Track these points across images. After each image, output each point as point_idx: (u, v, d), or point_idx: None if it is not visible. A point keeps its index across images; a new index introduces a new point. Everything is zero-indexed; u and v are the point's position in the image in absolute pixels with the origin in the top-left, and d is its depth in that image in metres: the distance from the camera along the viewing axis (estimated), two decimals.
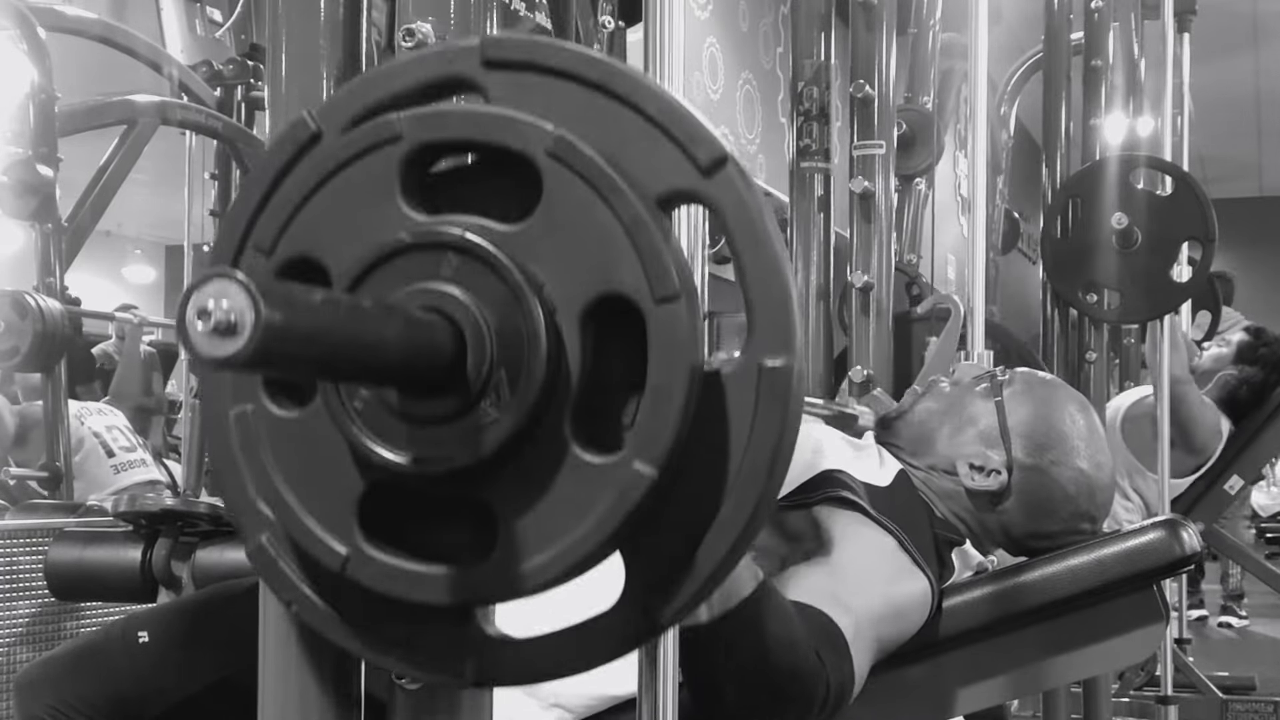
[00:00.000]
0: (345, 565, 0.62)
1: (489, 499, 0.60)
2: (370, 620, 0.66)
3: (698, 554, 0.60)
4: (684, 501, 0.60)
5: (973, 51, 1.94)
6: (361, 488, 0.62)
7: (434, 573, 0.61)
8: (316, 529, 0.63)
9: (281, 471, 0.64)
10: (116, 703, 1.43)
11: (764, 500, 0.59)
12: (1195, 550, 1.43)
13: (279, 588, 0.67)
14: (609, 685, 1.34)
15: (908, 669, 1.40)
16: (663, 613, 0.61)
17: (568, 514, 0.59)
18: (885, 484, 1.41)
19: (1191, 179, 2.94)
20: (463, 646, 0.64)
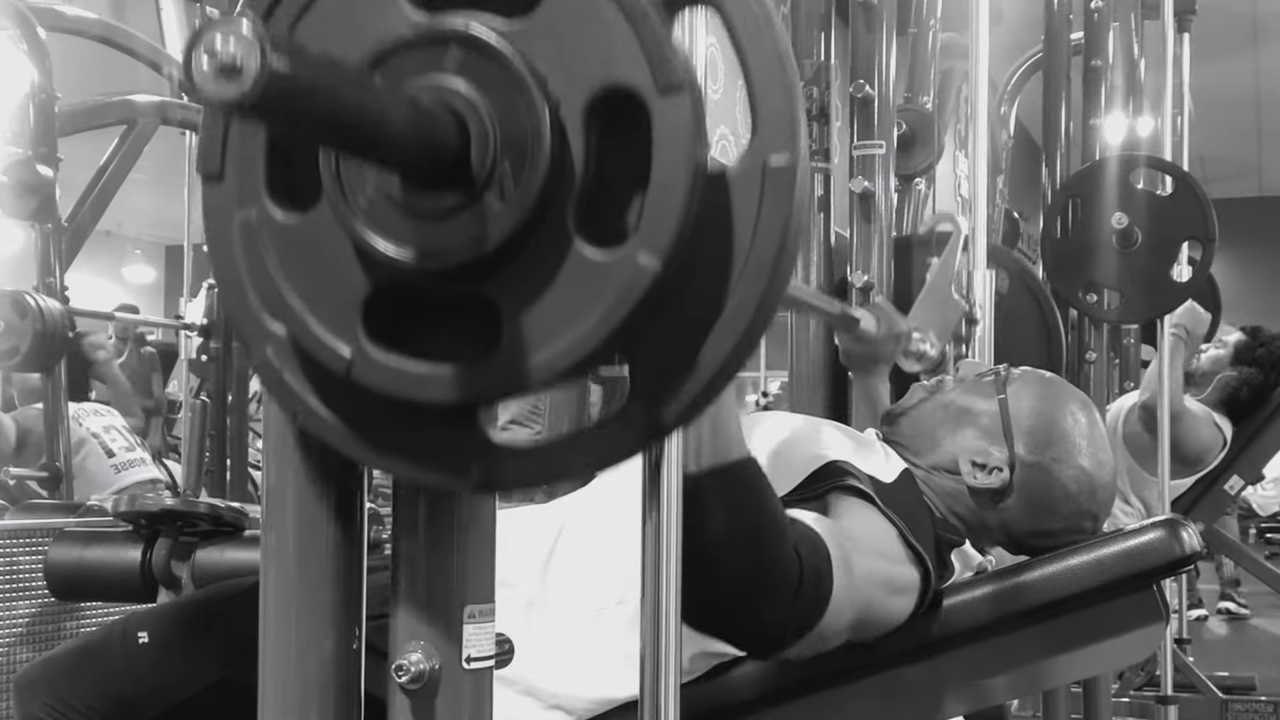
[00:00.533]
0: (350, 368, 0.62)
1: (493, 295, 0.60)
2: (375, 427, 0.66)
3: (701, 352, 0.60)
4: (687, 301, 0.59)
5: (973, 51, 1.94)
6: (366, 289, 0.62)
7: (439, 372, 0.60)
8: (322, 333, 0.62)
9: (286, 277, 0.63)
10: (116, 703, 1.43)
11: (767, 299, 0.59)
12: (1195, 550, 1.43)
13: (284, 400, 0.67)
14: (610, 688, 1.34)
15: (908, 669, 1.40)
16: (665, 413, 0.61)
17: (572, 309, 0.59)
18: (890, 480, 1.41)
19: (1191, 179, 2.94)
20: (467, 450, 0.64)
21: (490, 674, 0.80)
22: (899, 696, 1.42)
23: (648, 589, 0.92)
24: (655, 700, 0.91)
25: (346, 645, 0.81)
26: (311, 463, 0.80)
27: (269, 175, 0.65)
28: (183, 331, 4.04)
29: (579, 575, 1.39)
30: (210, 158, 0.67)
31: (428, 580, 0.78)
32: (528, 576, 1.39)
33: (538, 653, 1.34)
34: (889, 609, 1.31)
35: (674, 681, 0.91)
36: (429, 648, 0.78)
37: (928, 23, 3.12)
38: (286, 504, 0.80)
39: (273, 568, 0.80)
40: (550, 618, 1.37)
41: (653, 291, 0.57)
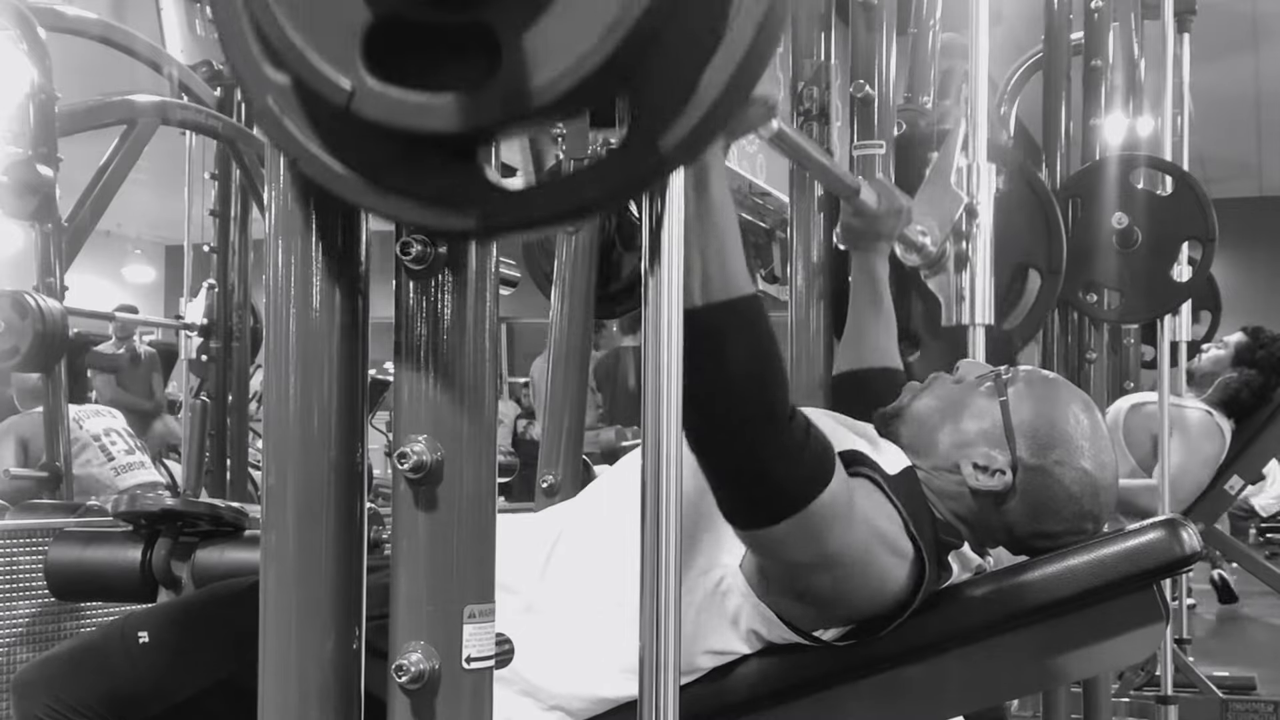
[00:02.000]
0: (351, 99, 0.61)
1: (491, 21, 0.59)
2: (376, 169, 0.65)
3: (701, 80, 0.59)
4: (687, 27, 0.59)
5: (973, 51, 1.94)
6: (367, 20, 0.61)
7: (439, 101, 0.60)
8: (323, 66, 0.62)
9: (287, 14, 0.63)
10: (115, 703, 1.43)
11: (766, 25, 0.58)
12: (1195, 550, 1.42)
13: (285, 146, 0.66)
14: (609, 688, 1.34)
15: (908, 669, 1.40)
16: (667, 141, 0.60)
17: (570, 30, 0.58)
18: (894, 473, 1.41)
19: (1191, 179, 2.94)
20: (468, 192, 0.64)
21: (490, 674, 0.80)
22: (899, 696, 1.42)
23: (646, 589, 0.92)
24: (655, 700, 0.91)
25: (346, 645, 0.81)
26: (311, 462, 0.80)
27: None
28: (183, 331, 4.04)
29: (577, 579, 1.39)
30: None
31: (428, 580, 0.78)
32: (527, 581, 1.39)
33: (537, 653, 1.34)
34: (882, 565, 1.32)
35: (673, 682, 0.91)
36: (429, 648, 0.78)
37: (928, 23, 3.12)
38: (286, 504, 0.80)
39: (273, 568, 0.80)
40: (549, 620, 1.38)
41: (652, 11, 0.56)
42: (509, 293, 1.73)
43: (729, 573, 1.34)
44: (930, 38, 3.01)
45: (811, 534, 1.23)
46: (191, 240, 4.09)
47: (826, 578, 1.29)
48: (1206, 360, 3.93)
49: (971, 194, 2.00)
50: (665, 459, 0.92)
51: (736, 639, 1.36)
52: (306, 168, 0.66)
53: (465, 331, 0.78)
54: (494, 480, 0.81)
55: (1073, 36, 3.34)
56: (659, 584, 0.92)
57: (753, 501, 1.22)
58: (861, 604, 1.33)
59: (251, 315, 4.00)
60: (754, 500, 1.22)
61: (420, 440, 0.78)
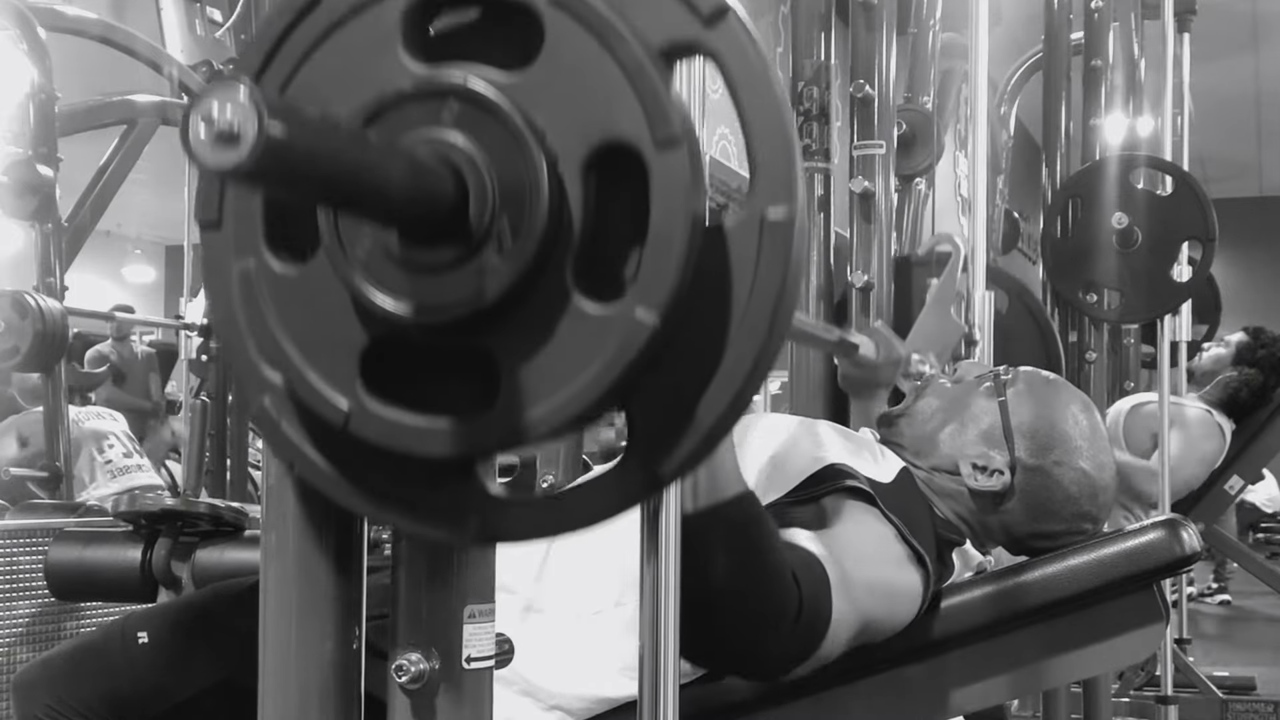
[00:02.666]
0: (348, 420, 0.62)
1: (491, 349, 0.60)
2: (373, 479, 0.66)
3: (699, 407, 0.60)
4: (685, 354, 0.60)
5: (973, 51, 1.94)
6: (364, 342, 0.62)
7: (437, 426, 0.61)
8: (319, 384, 0.62)
9: (284, 328, 0.63)
10: (115, 703, 1.43)
11: (764, 353, 0.59)
12: (1195, 550, 1.43)
13: (281, 450, 0.67)
14: (609, 688, 1.34)
15: (908, 669, 1.40)
16: (664, 465, 0.61)
17: (570, 363, 0.59)
18: (888, 480, 1.41)
19: (1191, 179, 2.94)
20: (466, 503, 0.64)
21: (490, 674, 0.80)
22: (899, 696, 1.42)
23: (646, 590, 0.92)
24: (654, 700, 0.91)
25: (346, 645, 0.81)
26: None
27: (267, 226, 0.65)
28: (183, 331, 4.04)
29: (575, 579, 1.39)
30: (208, 206, 0.67)
31: (428, 580, 0.78)
32: (524, 582, 1.39)
33: (537, 653, 1.34)
34: (892, 616, 1.32)
35: (673, 682, 0.91)
36: (429, 648, 0.78)
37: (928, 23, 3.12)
38: (286, 504, 0.80)
39: (273, 568, 0.80)
40: (548, 620, 1.37)
41: (650, 346, 0.57)
42: None
43: None
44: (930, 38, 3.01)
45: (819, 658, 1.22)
46: (191, 240, 4.09)
47: (863, 637, 1.29)
48: (1207, 359, 3.93)
49: (971, 322, 2.00)
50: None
51: None
52: (303, 472, 0.67)
53: None
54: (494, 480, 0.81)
55: (1073, 36, 3.34)
56: (659, 584, 0.92)
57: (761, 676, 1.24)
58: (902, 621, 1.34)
59: None
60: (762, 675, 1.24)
61: None
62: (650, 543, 0.92)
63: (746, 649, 1.15)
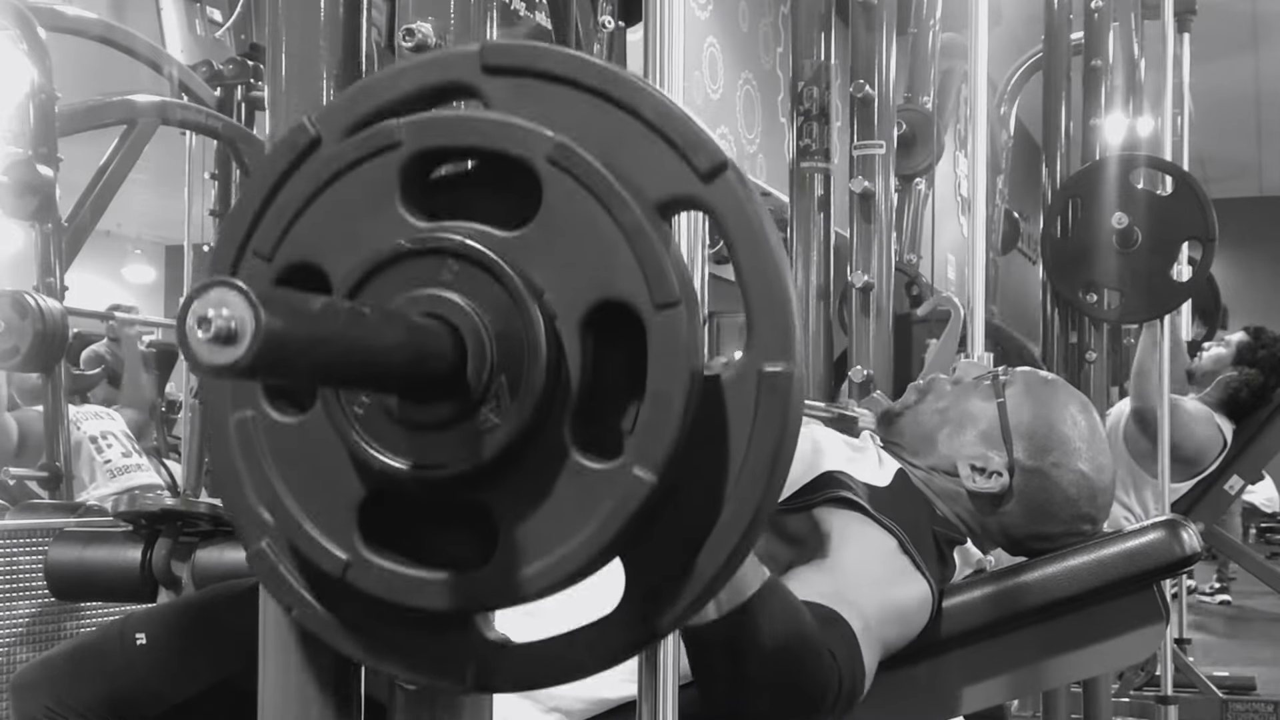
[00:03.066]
0: (346, 571, 0.62)
1: (489, 504, 0.60)
2: (370, 626, 0.66)
3: (698, 560, 0.60)
4: (684, 507, 0.60)
5: (973, 51, 1.94)
6: (362, 494, 0.62)
7: (434, 579, 0.61)
8: (317, 535, 0.63)
9: (282, 477, 0.64)
10: (114, 704, 1.43)
11: (764, 505, 0.59)
12: (1195, 550, 1.43)
13: (279, 593, 0.67)
14: (609, 689, 1.34)
15: (908, 669, 1.40)
16: (663, 619, 0.61)
17: (567, 520, 0.59)
18: (885, 484, 1.41)
19: (1191, 179, 2.94)
20: (463, 652, 0.65)
21: None
22: (899, 696, 1.42)
23: None
24: (654, 701, 0.91)
25: None
26: None
27: None
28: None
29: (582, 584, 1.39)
30: None
31: None
32: None
33: None
34: (906, 634, 1.33)
35: (672, 682, 0.91)
36: None
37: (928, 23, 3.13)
38: None
39: None
40: (550, 623, 1.37)
41: (648, 503, 0.57)
42: None
43: None
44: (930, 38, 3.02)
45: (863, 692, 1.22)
46: (191, 240, 4.09)
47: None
48: (1207, 359, 3.93)
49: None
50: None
51: None
52: (301, 617, 0.67)
53: None
54: None
55: (1073, 36, 3.34)
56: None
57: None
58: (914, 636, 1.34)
59: None
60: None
61: None
62: None
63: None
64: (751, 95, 5.76)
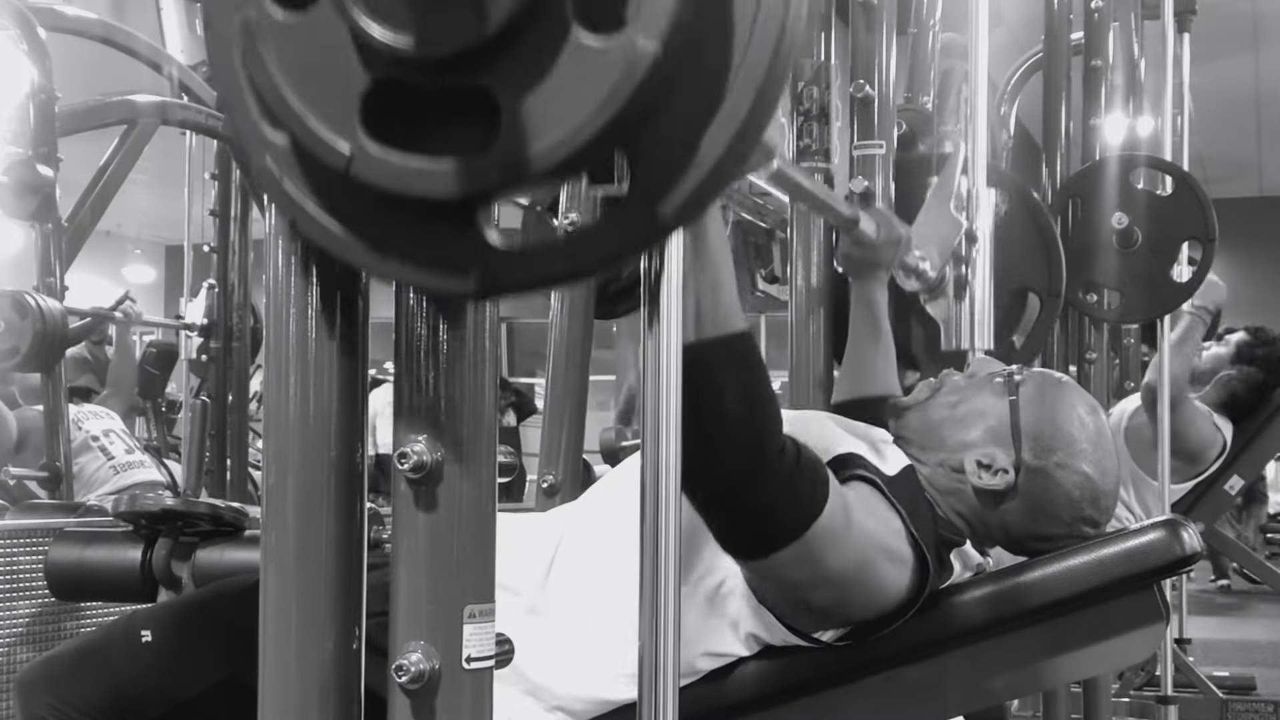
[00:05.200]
0: (350, 164, 0.62)
1: (491, 86, 0.60)
2: (374, 231, 0.65)
3: (700, 145, 0.59)
4: (686, 94, 0.59)
5: (973, 51, 1.94)
6: (365, 83, 0.62)
7: (438, 166, 0.60)
8: (321, 130, 0.62)
9: (286, 77, 0.63)
10: (117, 702, 1.43)
11: (766, 88, 0.59)
12: (1195, 550, 1.42)
13: (284, 206, 0.67)
14: (610, 690, 1.34)
15: (908, 669, 1.40)
16: (665, 205, 0.60)
17: (570, 97, 0.58)
18: (893, 474, 1.42)
19: (1192, 179, 2.94)
20: (468, 253, 0.64)
21: (490, 674, 0.80)
22: (899, 696, 1.42)
23: (645, 592, 0.92)
24: (654, 701, 0.91)
25: (346, 645, 0.81)
26: (311, 462, 0.80)
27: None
28: (183, 331, 4.04)
29: (580, 583, 1.39)
30: None
31: (428, 580, 0.78)
32: (530, 584, 1.39)
33: (541, 654, 1.34)
34: (881, 575, 1.32)
35: (673, 683, 0.91)
36: (429, 648, 0.78)
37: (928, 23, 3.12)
38: (286, 504, 0.80)
39: (273, 568, 0.80)
40: (553, 623, 1.38)
41: (651, 77, 0.57)
42: None
43: (729, 575, 1.34)
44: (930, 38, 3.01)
45: (808, 558, 1.24)
46: (191, 240, 4.09)
47: (827, 593, 1.30)
48: (1207, 358, 3.92)
49: (971, 218, 2.00)
50: (665, 462, 0.92)
51: (736, 642, 1.36)
52: (305, 229, 0.67)
53: (465, 331, 0.78)
54: (494, 480, 0.81)
55: (1073, 36, 3.34)
56: (658, 586, 0.92)
57: (748, 534, 1.23)
58: (863, 610, 1.34)
59: (251, 315, 3.99)
60: (749, 533, 1.23)
61: (420, 440, 0.78)
62: (650, 545, 0.92)
63: (743, 474, 1.17)
64: None
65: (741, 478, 1.17)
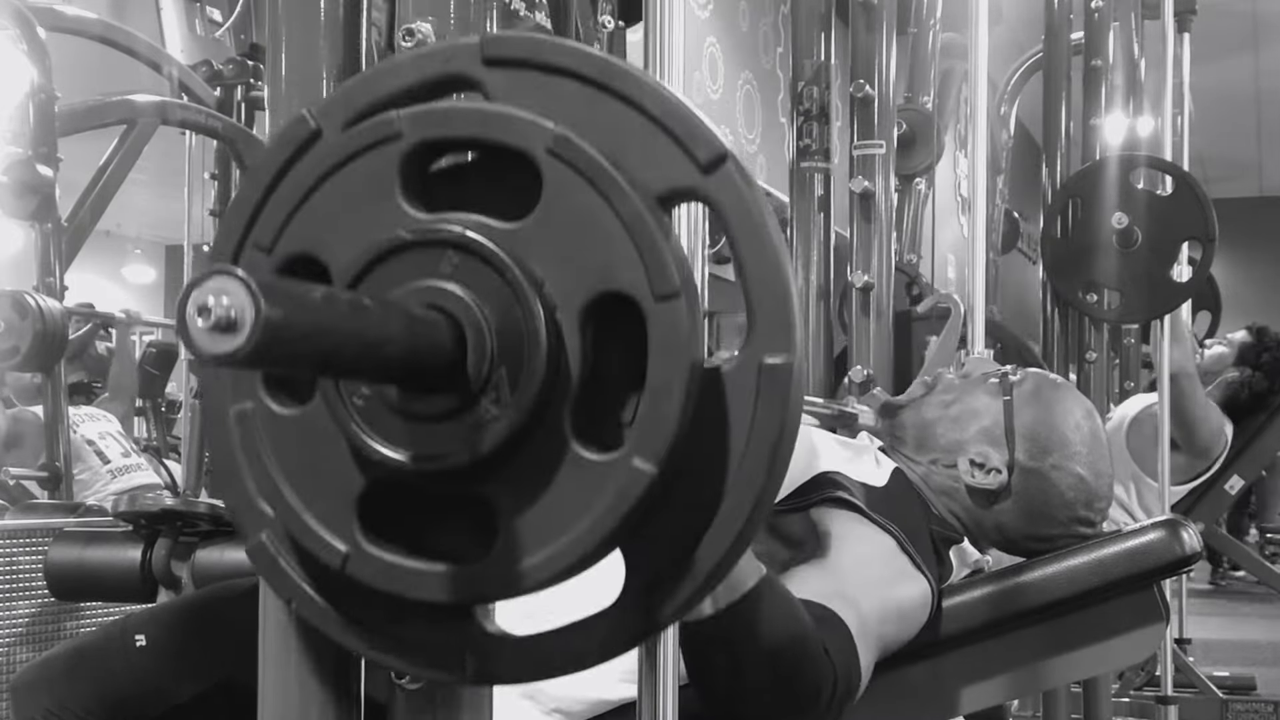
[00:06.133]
0: (345, 563, 0.62)
1: (489, 496, 0.60)
2: (370, 618, 0.66)
3: (697, 552, 0.60)
4: (683, 499, 0.60)
5: (973, 51, 1.94)
6: (361, 485, 0.62)
7: (433, 570, 0.61)
8: (316, 527, 0.63)
9: (282, 469, 0.64)
10: (114, 704, 1.43)
11: (763, 498, 0.59)
12: (1196, 550, 1.43)
13: (279, 585, 0.67)
14: (609, 690, 1.34)
15: (908, 669, 1.40)
16: (662, 611, 0.61)
17: (567, 511, 0.59)
18: (881, 483, 1.41)
19: (1192, 179, 2.94)
20: (462, 644, 0.64)
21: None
22: (899, 696, 1.42)
23: None
24: (653, 701, 0.91)
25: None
26: None
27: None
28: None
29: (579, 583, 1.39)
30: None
31: None
32: None
33: None
34: (906, 633, 1.33)
35: (672, 683, 0.91)
36: None
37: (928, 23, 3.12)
38: None
39: None
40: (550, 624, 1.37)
41: (648, 495, 0.57)
42: None
43: None
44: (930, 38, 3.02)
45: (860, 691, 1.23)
46: (191, 240, 4.09)
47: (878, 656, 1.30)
48: (1208, 358, 3.92)
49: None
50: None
51: None
52: (301, 608, 0.67)
53: None
54: None
55: (1073, 36, 3.34)
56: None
57: None
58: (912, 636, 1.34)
59: None
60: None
61: None
62: None
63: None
64: (751, 95, 5.76)
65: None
